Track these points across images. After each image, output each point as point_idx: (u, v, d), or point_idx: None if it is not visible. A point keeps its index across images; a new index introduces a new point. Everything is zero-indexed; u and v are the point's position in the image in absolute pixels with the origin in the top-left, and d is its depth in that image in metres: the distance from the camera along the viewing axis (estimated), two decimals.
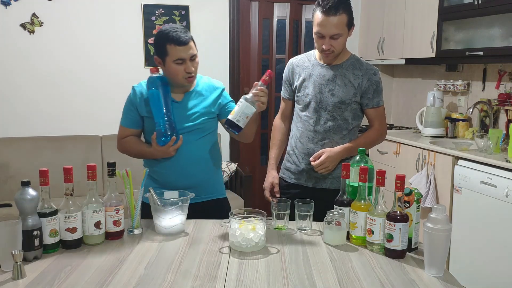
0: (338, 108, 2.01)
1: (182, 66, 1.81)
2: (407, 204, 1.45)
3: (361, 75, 2.01)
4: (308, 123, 2.06)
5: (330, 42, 1.92)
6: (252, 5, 4.36)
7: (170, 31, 1.78)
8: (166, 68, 1.84)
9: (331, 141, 2.03)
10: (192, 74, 1.84)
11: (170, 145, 1.81)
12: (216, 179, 2.03)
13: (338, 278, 1.29)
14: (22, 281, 1.25)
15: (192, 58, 1.82)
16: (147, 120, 1.90)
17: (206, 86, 1.97)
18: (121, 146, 1.98)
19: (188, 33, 1.82)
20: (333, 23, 1.88)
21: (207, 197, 1.94)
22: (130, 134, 1.94)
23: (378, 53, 4.22)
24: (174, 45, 1.77)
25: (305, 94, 2.05)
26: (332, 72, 2.02)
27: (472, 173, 2.79)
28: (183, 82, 1.85)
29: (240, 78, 4.31)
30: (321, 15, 1.88)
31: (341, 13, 1.88)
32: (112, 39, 3.92)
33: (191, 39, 1.82)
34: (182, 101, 1.90)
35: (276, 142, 2.22)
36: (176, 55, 1.79)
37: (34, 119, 3.82)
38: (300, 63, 2.11)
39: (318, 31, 1.91)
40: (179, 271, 1.33)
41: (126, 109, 1.94)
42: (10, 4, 3.66)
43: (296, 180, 2.11)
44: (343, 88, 2.00)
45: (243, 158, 4.36)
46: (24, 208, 1.38)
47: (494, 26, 3.03)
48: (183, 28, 1.82)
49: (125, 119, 1.94)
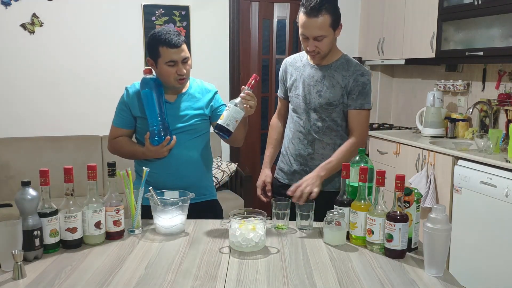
0: (325, 110, 1.99)
1: (174, 68, 1.83)
2: (407, 204, 1.46)
3: (348, 75, 1.98)
4: (298, 124, 2.06)
5: (314, 43, 1.89)
6: (252, 5, 4.36)
7: (163, 33, 1.81)
8: (158, 70, 1.87)
9: (321, 142, 2.02)
10: (183, 76, 1.86)
11: (163, 145, 1.83)
12: (207, 180, 2.04)
13: (338, 278, 1.29)
14: (22, 281, 1.25)
15: (184, 60, 1.84)
16: (140, 121, 1.92)
17: (199, 89, 1.99)
18: (112, 147, 1.99)
19: (181, 37, 1.85)
20: (315, 24, 1.85)
21: (198, 198, 1.94)
22: (122, 135, 1.96)
23: (378, 53, 4.22)
24: (166, 47, 1.80)
25: (296, 94, 2.06)
26: (321, 73, 2.00)
27: (472, 173, 2.80)
28: (174, 84, 1.87)
29: (240, 78, 4.31)
30: (304, 17, 1.86)
31: (324, 14, 1.84)
32: (112, 39, 3.92)
33: (183, 42, 1.85)
34: (175, 102, 1.93)
35: (272, 141, 2.22)
36: (168, 57, 1.81)
37: (34, 119, 3.82)
38: (293, 62, 2.11)
39: (302, 32, 1.90)
40: (179, 271, 1.33)
41: (118, 109, 1.96)
42: (10, 4, 3.66)
43: (289, 180, 2.11)
44: (330, 89, 1.98)
45: (243, 158, 4.37)
46: (24, 208, 1.38)
47: (494, 26, 3.03)
48: (176, 31, 1.85)
49: (117, 119, 1.96)
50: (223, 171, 3.87)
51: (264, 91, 4.56)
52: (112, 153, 2.00)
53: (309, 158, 2.04)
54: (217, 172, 3.83)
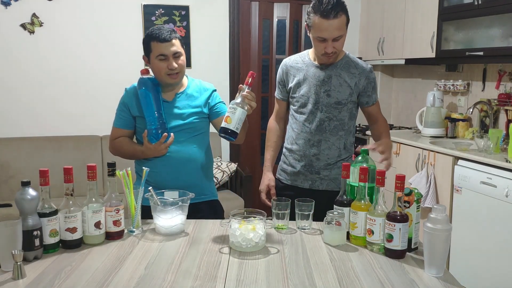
0: (334, 109, 2.00)
1: (165, 63, 1.86)
2: (407, 204, 1.45)
3: (358, 73, 2.00)
4: (304, 125, 2.05)
5: (332, 44, 1.90)
6: (252, 5, 4.36)
7: (155, 29, 1.87)
8: (151, 66, 1.90)
9: (327, 142, 2.03)
10: (174, 71, 1.86)
11: (161, 141, 1.84)
12: (208, 180, 2.04)
13: (338, 278, 1.29)
14: (22, 281, 1.25)
15: (175, 55, 1.86)
16: (139, 120, 1.93)
17: (197, 88, 2.00)
18: (113, 147, 2.00)
19: (174, 33, 1.87)
20: (335, 25, 1.86)
21: (199, 198, 1.94)
22: (122, 135, 1.97)
23: (378, 53, 4.22)
24: (156, 41, 1.85)
25: (300, 95, 2.05)
26: (327, 72, 2.01)
27: (472, 173, 2.80)
28: (166, 79, 1.88)
29: (240, 78, 4.31)
30: (322, 19, 1.86)
31: (341, 14, 1.86)
32: (112, 39, 3.92)
33: (176, 38, 1.87)
34: (173, 101, 1.94)
35: (271, 144, 2.21)
36: (158, 51, 1.85)
37: (34, 119, 3.82)
38: (294, 63, 2.10)
39: (319, 35, 1.89)
40: (179, 271, 1.33)
41: (118, 110, 1.98)
42: (10, 4, 3.66)
43: (292, 181, 2.11)
44: (338, 88, 1.99)
45: (243, 158, 4.37)
46: (24, 208, 1.38)
47: (494, 26, 3.03)
48: (169, 29, 1.89)
49: (118, 120, 1.98)
50: (223, 171, 3.87)
51: (264, 91, 4.55)
52: (113, 154, 2.01)
53: (314, 159, 2.04)
54: (217, 172, 3.83)
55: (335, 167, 2.04)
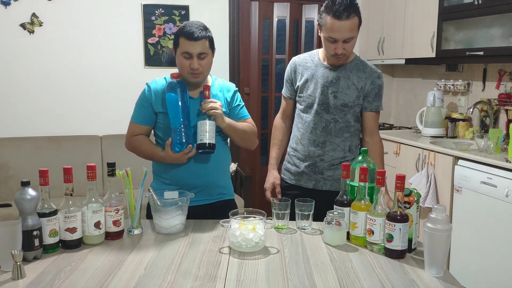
0: (340, 111, 1.99)
1: (188, 61, 1.81)
2: (407, 205, 1.45)
3: (365, 77, 1.99)
4: (309, 125, 2.04)
5: (343, 45, 1.89)
6: (252, 5, 4.36)
7: (188, 25, 1.81)
8: (176, 60, 1.86)
9: (332, 144, 2.02)
10: (196, 71, 1.82)
11: (185, 152, 1.78)
12: (226, 179, 2.02)
13: (338, 278, 1.29)
14: (22, 281, 1.25)
15: (200, 55, 1.81)
16: (162, 116, 1.87)
17: (219, 87, 1.96)
18: (130, 144, 1.93)
19: (205, 32, 1.81)
20: (347, 27, 1.85)
21: (217, 197, 1.93)
22: (141, 131, 1.91)
23: (378, 53, 4.22)
24: (185, 38, 1.79)
25: (307, 95, 2.03)
26: (336, 73, 1.99)
27: (472, 173, 2.79)
28: (188, 77, 1.84)
29: (240, 78, 4.31)
30: (334, 20, 1.84)
31: (353, 16, 1.85)
32: (112, 39, 3.92)
33: (205, 38, 1.80)
34: (198, 98, 1.89)
35: (277, 142, 2.21)
36: (184, 48, 1.80)
37: (34, 119, 3.82)
38: (303, 62, 2.08)
39: (331, 36, 1.88)
40: (179, 271, 1.33)
41: (139, 105, 1.91)
42: (10, 4, 3.66)
43: (296, 181, 2.11)
44: (346, 91, 1.98)
45: (243, 158, 4.36)
46: (24, 208, 1.38)
47: (494, 26, 3.03)
48: (202, 26, 1.82)
49: (137, 115, 1.91)
50: None
51: (264, 91, 4.55)
52: (129, 150, 1.94)
53: (319, 160, 2.04)
54: None
55: (339, 168, 2.03)
